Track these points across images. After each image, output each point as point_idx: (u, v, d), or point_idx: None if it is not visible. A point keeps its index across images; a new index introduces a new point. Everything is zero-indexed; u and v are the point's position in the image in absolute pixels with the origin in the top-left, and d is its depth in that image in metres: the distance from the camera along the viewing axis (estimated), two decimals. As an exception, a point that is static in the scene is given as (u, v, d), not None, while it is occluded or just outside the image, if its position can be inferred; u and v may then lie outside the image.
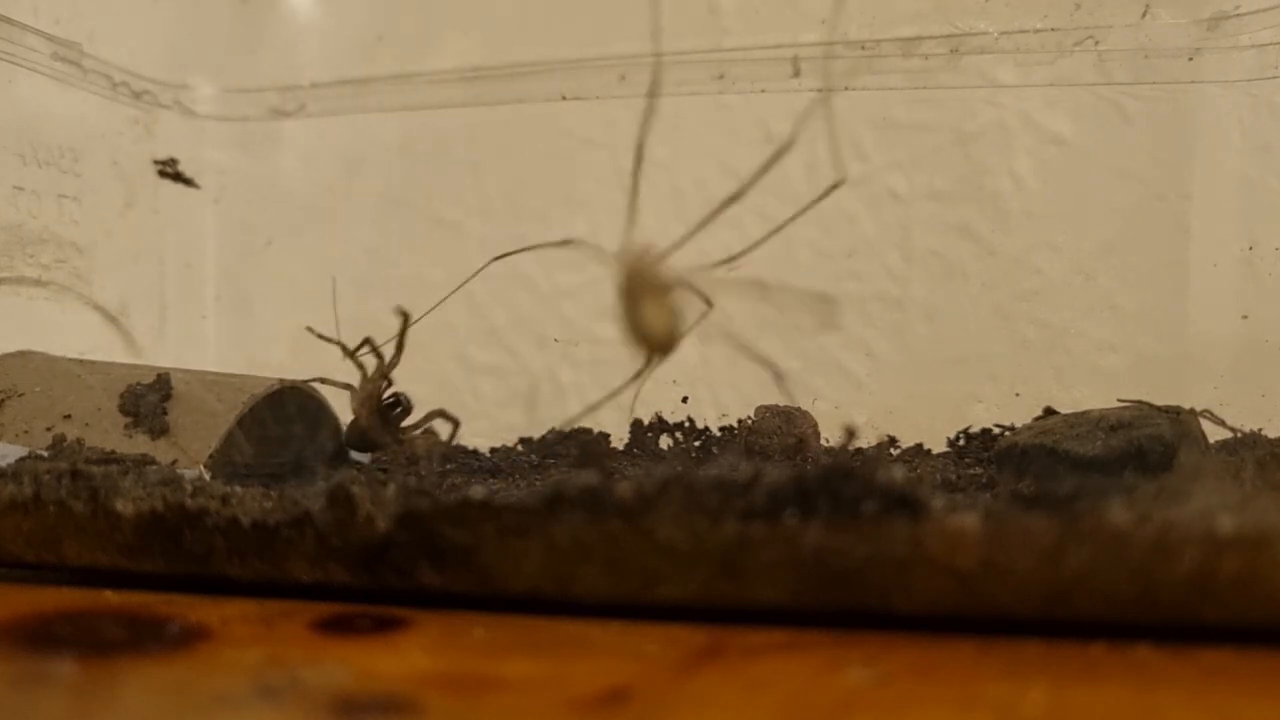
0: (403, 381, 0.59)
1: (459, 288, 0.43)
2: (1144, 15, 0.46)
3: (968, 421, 0.49)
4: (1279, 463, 0.36)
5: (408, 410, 0.43)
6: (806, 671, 0.23)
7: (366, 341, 0.42)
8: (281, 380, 0.42)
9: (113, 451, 0.37)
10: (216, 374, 0.43)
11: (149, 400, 0.39)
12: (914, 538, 0.24)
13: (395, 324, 0.42)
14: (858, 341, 0.52)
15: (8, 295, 0.46)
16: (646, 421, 0.51)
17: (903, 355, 0.52)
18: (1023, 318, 0.50)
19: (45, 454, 0.37)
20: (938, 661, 0.24)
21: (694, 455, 0.49)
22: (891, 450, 0.48)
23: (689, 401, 0.52)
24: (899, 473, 0.25)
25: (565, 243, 0.40)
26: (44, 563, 0.32)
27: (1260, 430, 0.42)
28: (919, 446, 0.48)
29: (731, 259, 0.33)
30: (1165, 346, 0.49)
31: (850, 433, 0.35)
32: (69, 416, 0.39)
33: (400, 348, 0.42)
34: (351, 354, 0.42)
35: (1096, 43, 0.47)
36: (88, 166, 0.50)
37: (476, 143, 0.57)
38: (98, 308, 0.51)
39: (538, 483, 0.41)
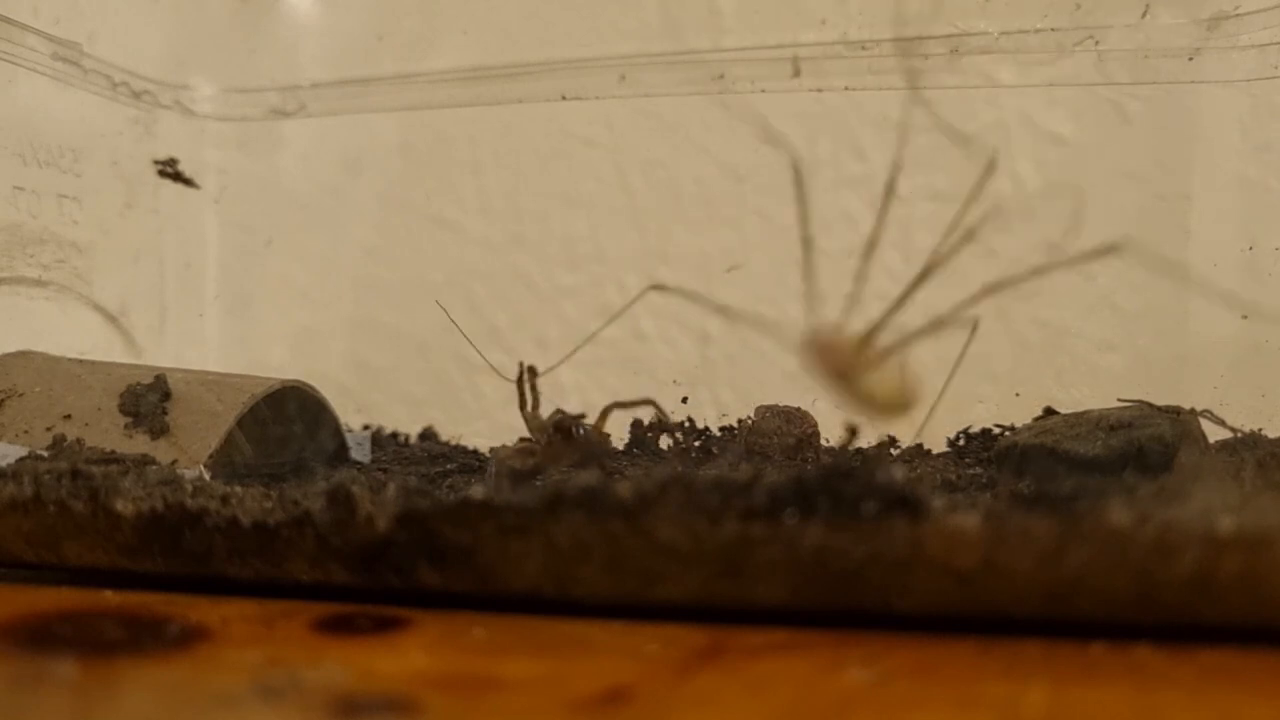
0: (404, 381, 0.59)
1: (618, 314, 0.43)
2: (1144, 15, 0.46)
3: (968, 421, 0.48)
4: (1279, 463, 0.36)
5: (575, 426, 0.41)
6: (806, 671, 0.23)
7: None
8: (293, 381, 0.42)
9: (113, 451, 0.37)
10: (216, 374, 0.43)
11: (149, 400, 0.39)
12: (914, 538, 0.24)
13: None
14: (857, 341, 0.52)
15: (8, 295, 0.46)
16: (646, 421, 0.51)
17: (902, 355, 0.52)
18: (1023, 318, 0.50)
19: (45, 454, 0.37)
20: (938, 661, 0.24)
21: (694, 455, 0.49)
22: (891, 450, 0.48)
23: (689, 401, 0.52)
24: (899, 473, 0.25)
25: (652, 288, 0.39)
26: (44, 563, 0.32)
27: (1260, 430, 0.42)
28: (919, 446, 0.48)
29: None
30: (1165, 346, 0.49)
31: (852, 431, 0.35)
32: (69, 416, 0.39)
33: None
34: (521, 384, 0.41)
35: (1096, 43, 0.47)
36: (88, 166, 0.50)
37: (476, 143, 0.57)
38: (98, 308, 0.51)
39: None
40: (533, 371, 0.41)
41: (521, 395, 0.41)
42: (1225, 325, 0.47)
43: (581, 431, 0.39)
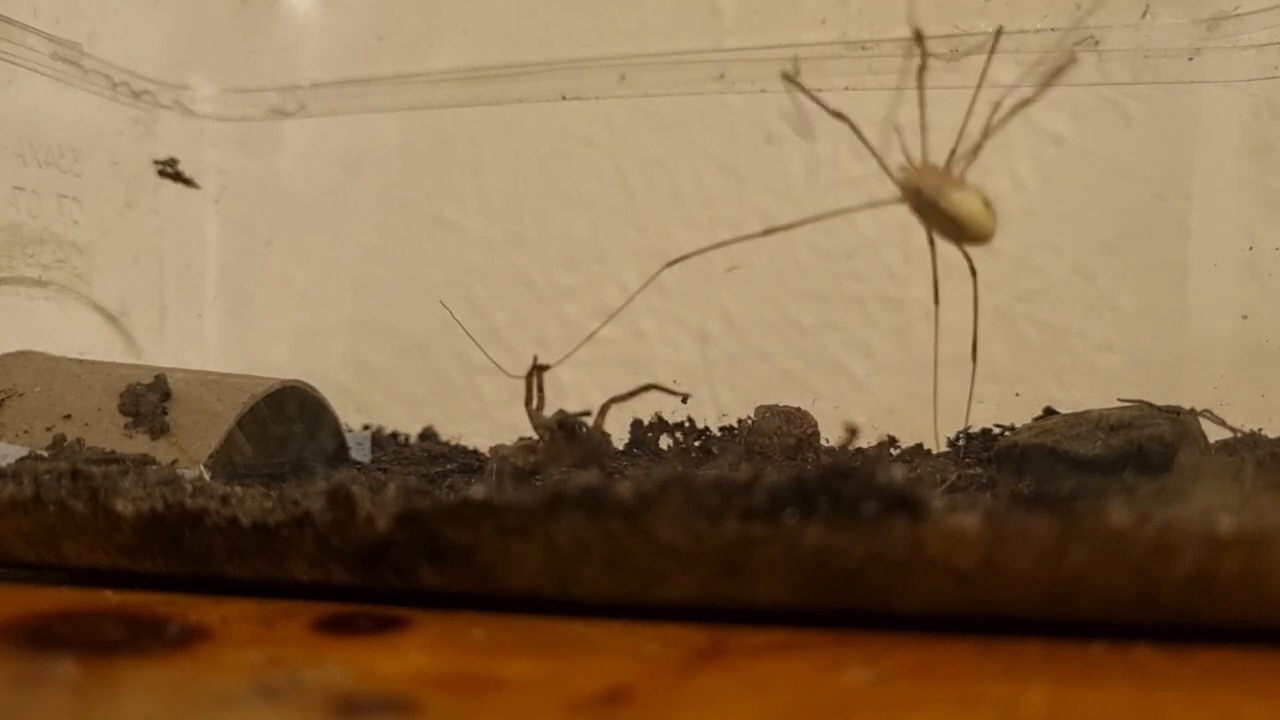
0: (404, 381, 0.59)
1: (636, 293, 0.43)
2: (1144, 15, 0.46)
3: (968, 422, 0.48)
4: (1279, 463, 0.36)
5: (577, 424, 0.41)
6: (806, 671, 0.23)
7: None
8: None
9: (113, 451, 0.37)
10: (216, 374, 0.43)
11: (149, 400, 0.39)
12: (914, 538, 0.24)
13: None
14: (858, 341, 0.52)
15: (8, 295, 0.46)
16: (646, 421, 0.51)
17: (903, 355, 0.52)
18: (1023, 318, 0.50)
19: (45, 454, 0.37)
20: (938, 661, 0.24)
21: (694, 455, 0.49)
22: (892, 450, 0.48)
23: (689, 401, 0.52)
24: (899, 473, 0.25)
25: (768, 232, 0.39)
26: (44, 563, 0.32)
27: (1260, 430, 0.42)
28: (919, 446, 0.48)
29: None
30: (1165, 346, 0.49)
31: (852, 431, 0.35)
32: (69, 416, 0.39)
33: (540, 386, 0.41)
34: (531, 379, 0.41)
35: (1097, 43, 0.47)
36: (88, 166, 0.50)
37: (476, 143, 0.57)
38: (98, 308, 0.51)
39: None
40: (542, 368, 0.41)
41: (529, 390, 0.41)
42: (1225, 325, 0.47)
43: (584, 430, 0.39)
